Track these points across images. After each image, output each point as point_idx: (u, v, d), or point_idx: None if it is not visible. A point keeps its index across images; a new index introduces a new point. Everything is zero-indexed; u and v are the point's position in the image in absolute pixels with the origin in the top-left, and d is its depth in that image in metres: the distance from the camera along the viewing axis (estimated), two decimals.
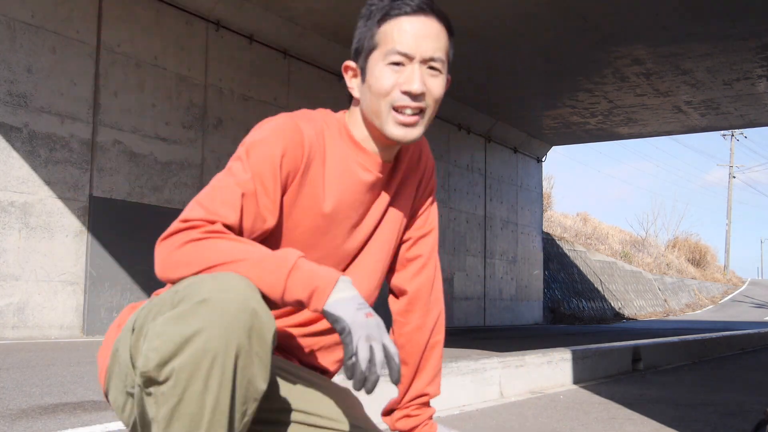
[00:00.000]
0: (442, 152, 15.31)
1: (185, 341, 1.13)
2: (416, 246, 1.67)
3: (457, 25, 1.33)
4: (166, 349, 1.13)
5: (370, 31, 1.47)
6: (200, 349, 1.13)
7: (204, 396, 1.13)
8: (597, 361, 5.38)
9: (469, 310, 15.91)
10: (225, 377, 1.14)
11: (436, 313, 1.70)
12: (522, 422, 3.32)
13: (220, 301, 1.16)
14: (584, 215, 30.57)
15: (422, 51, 1.45)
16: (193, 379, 1.13)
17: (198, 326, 1.14)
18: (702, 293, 32.99)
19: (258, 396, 1.20)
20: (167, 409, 1.14)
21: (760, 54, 12.41)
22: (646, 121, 16.93)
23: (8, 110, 7.67)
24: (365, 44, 1.48)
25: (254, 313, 1.17)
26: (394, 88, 1.44)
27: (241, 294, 1.18)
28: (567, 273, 22.10)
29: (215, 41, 10.13)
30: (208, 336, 1.13)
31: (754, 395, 4.46)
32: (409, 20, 1.45)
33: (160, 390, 1.14)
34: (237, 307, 1.16)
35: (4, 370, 4.51)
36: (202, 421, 1.14)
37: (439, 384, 1.72)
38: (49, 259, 7.95)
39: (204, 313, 1.15)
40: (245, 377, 1.17)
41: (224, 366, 1.14)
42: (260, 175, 1.37)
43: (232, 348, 1.14)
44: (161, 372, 1.13)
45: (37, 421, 2.77)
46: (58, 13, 8.20)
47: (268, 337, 1.19)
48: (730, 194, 49.05)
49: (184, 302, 1.18)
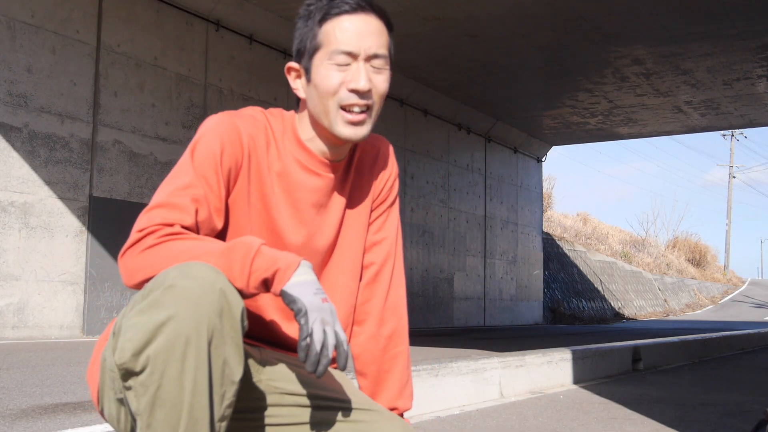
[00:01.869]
0: (442, 152, 15.31)
1: (157, 328, 1.15)
2: (369, 253, 1.62)
3: (457, 25, 1.32)
4: (139, 339, 1.15)
5: (312, 31, 1.47)
6: (173, 334, 1.14)
7: (182, 379, 1.15)
8: (597, 361, 5.38)
9: (469, 310, 15.90)
10: (200, 359, 1.16)
11: (393, 324, 1.63)
12: (522, 422, 3.32)
13: (186, 285, 1.18)
14: (584, 215, 30.57)
15: (365, 48, 1.45)
16: (169, 363, 1.14)
17: (168, 312, 1.15)
18: (702, 293, 32.99)
19: (235, 378, 1.21)
20: (148, 398, 1.15)
21: (760, 54, 12.41)
22: (646, 121, 16.93)
23: (8, 110, 7.67)
24: (308, 44, 1.48)
25: (222, 294, 1.19)
26: (341, 86, 1.44)
27: (207, 277, 1.20)
28: (567, 273, 22.10)
29: (215, 41, 10.13)
30: (178, 320, 1.15)
31: (754, 395, 4.46)
32: (349, 18, 1.45)
33: (139, 380, 1.16)
34: (204, 290, 1.18)
35: (4, 370, 4.51)
36: (182, 405, 1.15)
37: (409, 396, 1.65)
38: (49, 259, 7.95)
39: (172, 298, 1.16)
40: (220, 357, 1.18)
41: (198, 347, 1.15)
42: (204, 174, 1.39)
43: (203, 329, 1.16)
44: (137, 361, 1.15)
45: (37, 421, 2.77)
46: (58, 13, 8.20)
47: (237, 316, 1.20)
48: (730, 194, 49.05)
49: (151, 293, 1.19)
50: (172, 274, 1.20)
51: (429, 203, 14.81)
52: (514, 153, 18.10)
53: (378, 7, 1.50)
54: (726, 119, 16.87)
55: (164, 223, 1.32)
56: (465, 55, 12.53)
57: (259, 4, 10.34)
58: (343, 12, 1.45)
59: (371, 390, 1.62)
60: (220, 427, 1.20)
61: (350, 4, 1.46)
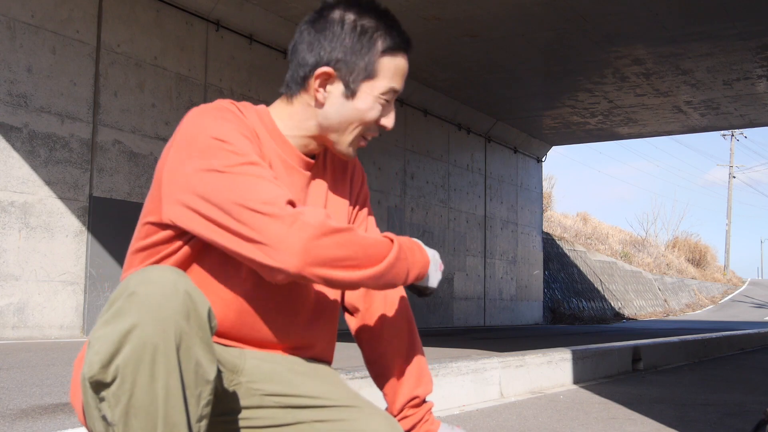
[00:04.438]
0: (442, 152, 15.31)
1: (122, 337, 1.14)
2: None
3: (457, 25, 1.32)
4: (106, 350, 1.14)
5: (370, 55, 1.48)
6: (139, 342, 1.13)
7: (153, 386, 1.14)
8: (597, 361, 5.38)
9: (469, 310, 15.90)
10: (170, 364, 1.15)
11: (405, 321, 1.69)
12: (522, 422, 3.32)
13: (148, 291, 1.16)
14: (584, 215, 30.56)
15: (401, 90, 1.54)
16: (139, 372, 1.13)
17: (132, 320, 1.14)
18: (702, 293, 32.98)
19: (209, 377, 1.20)
20: (121, 408, 1.14)
21: (760, 54, 12.41)
22: (646, 121, 16.92)
23: (8, 110, 7.67)
24: (360, 64, 1.48)
25: (186, 295, 1.18)
26: (376, 119, 1.51)
27: (168, 279, 1.18)
28: (567, 273, 22.10)
29: (215, 41, 10.13)
30: (143, 327, 1.14)
31: (754, 395, 4.46)
32: (404, 59, 1.52)
33: (110, 391, 1.14)
34: (166, 293, 1.17)
35: (4, 370, 4.51)
36: (157, 411, 1.14)
37: (429, 382, 1.69)
38: (49, 259, 7.95)
39: (135, 305, 1.15)
40: (191, 359, 1.17)
41: (167, 353, 1.14)
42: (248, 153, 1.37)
43: (170, 334, 1.15)
44: (107, 372, 1.14)
45: (37, 421, 2.77)
46: (58, 13, 8.20)
47: (204, 316, 1.20)
48: (730, 194, 49.05)
49: (114, 302, 1.18)
50: (133, 280, 1.19)
51: (429, 203, 14.81)
52: (514, 153, 18.10)
53: None
54: (726, 119, 16.87)
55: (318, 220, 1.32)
56: (465, 55, 12.53)
57: (259, 4, 10.34)
58: (402, 50, 1.51)
59: (394, 385, 1.66)
60: (199, 427, 1.20)
61: (407, 43, 1.52)
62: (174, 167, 1.37)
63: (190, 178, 1.34)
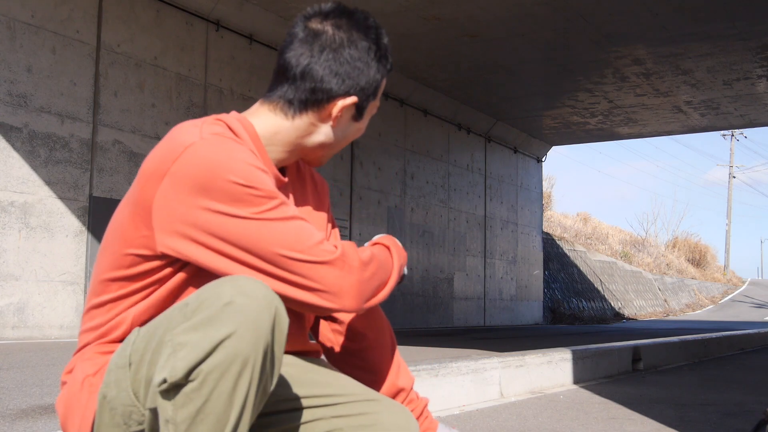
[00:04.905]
0: (442, 152, 15.31)
1: (215, 345, 1.12)
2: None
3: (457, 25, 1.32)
4: (194, 356, 1.12)
5: (378, 77, 1.48)
6: (232, 351, 1.13)
7: (233, 396, 1.13)
8: (597, 361, 5.38)
9: (469, 310, 15.90)
10: (254, 378, 1.15)
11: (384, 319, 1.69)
12: (522, 422, 3.32)
13: (246, 302, 1.16)
14: (584, 215, 30.57)
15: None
16: (223, 380, 1.12)
17: (228, 329, 1.13)
18: (702, 293, 32.99)
19: (270, 390, 1.21)
20: (191, 409, 1.13)
21: (760, 54, 12.41)
22: (646, 121, 16.93)
23: (8, 110, 7.67)
24: (372, 89, 1.48)
25: (277, 312, 1.19)
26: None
27: (263, 293, 1.18)
28: (567, 273, 22.10)
29: (215, 41, 10.13)
30: (238, 337, 1.13)
31: (754, 395, 4.46)
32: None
33: (184, 391, 1.13)
34: (261, 307, 1.16)
35: (4, 370, 4.51)
36: (228, 421, 1.14)
37: (407, 371, 1.69)
38: (49, 259, 7.95)
39: (231, 315, 1.14)
40: (267, 374, 1.18)
41: (254, 366, 1.14)
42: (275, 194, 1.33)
43: (261, 348, 1.15)
44: (189, 378, 1.13)
45: (37, 421, 2.77)
46: (58, 13, 8.20)
47: (285, 332, 1.21)
48: (730, 194, 49.05)
49: (202, 309, 1.16)
50: (227, 290, 1.17)
51: (429, 203, 14.81)
52: (514, 153, 18.10)
53: None
54: (726, 119, 16.87)
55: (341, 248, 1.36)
56: (465, 55, 12.53)
57: (259, 4, 10.34)
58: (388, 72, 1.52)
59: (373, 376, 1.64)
60: None
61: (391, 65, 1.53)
62: (186, 208, 1.28)
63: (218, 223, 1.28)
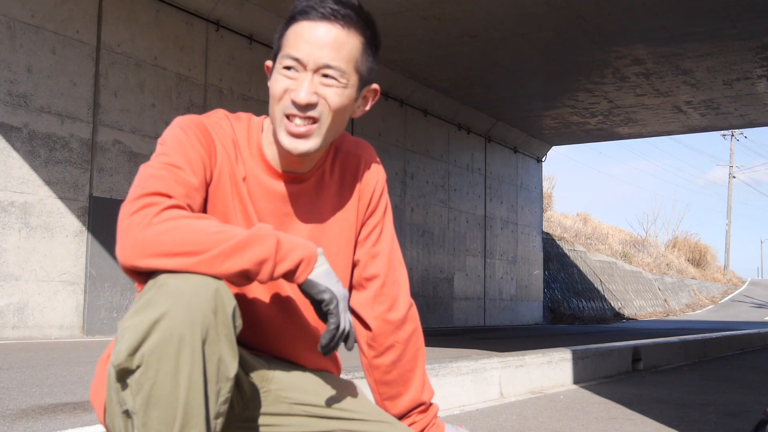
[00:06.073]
0: (442, 152, 15.31)
1: (151, 326, 1.14)
2: (370, 266, 1.57)
3: (457, 25, 1.32)
4: (134, 338, 1.14)
5: (280, 31, 1.43)
6: (166, 331, 1.14)
7: (177, 376, 1.14)
8: (597, 361, 5.38)
9: (469, 310, 15.90)
10: (195, 356, 1.15)
11: (413, 326, 1.65)
12: (522, 422, 3.32)
13: (178, 283, 1.18)
14: (584, 215, 30.56)
15: (315, 58, 1.37)
16: (163, 360, 1.14)
17: (161, 309, 1.15)
18: (702, 293, 32.98)
19: (230, 375, 1.20)
20: (143, 396, 1.15)
21: (760, 54, 12.40)
22: (646, 121, 16.93)
23: (8, 110, 7.67)
24: (275, 44, 1.45)
25: (216, 292, 1.19)
26: (285, 94, 1.39)
27: (199, 275, 1.20)
28: (567, 273, 22.10)
29: (215, 41, 10.13)
30: (171, 317, 1.15)
31: (754, 395, 4.46)
32: (309, 26, 1.38)
33: (134, 378, 1.15)
34: (197, 287, 1.18)
35: (4, 370, 4.51)
36: (178, 402, 1.14)
37: (429, 385, 1.66)
38: (49, 259, 7.95)
39: (165, 295, 1.16)
40: (215, 355, 1.18)
41: (192, 345, 1.15)
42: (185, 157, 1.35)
43: (197, 326, 1.16)
44: (133, 360, 1.14)
45: (37, 421, 2.77)
46: (58, 13, 8.20)
47: (229, 313, 1.20)
48: (730, 194, 49.04)
49: (143, 295, 1.19)
50: (163, 274, 1.20)
51: (429, 203, 14.81)
52: (514, 153, 18.10)
53: (359, 21, 1.42)
54: (726, 119, 16.87)
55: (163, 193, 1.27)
56: (465, 55, 12.53)
57: (259, 4, 10.34)
58: (306, 18, 1.39)
59: (396, 391, 1.60)
60: (215, 424, 1.20)
61: (318, 12, 1.38)
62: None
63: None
